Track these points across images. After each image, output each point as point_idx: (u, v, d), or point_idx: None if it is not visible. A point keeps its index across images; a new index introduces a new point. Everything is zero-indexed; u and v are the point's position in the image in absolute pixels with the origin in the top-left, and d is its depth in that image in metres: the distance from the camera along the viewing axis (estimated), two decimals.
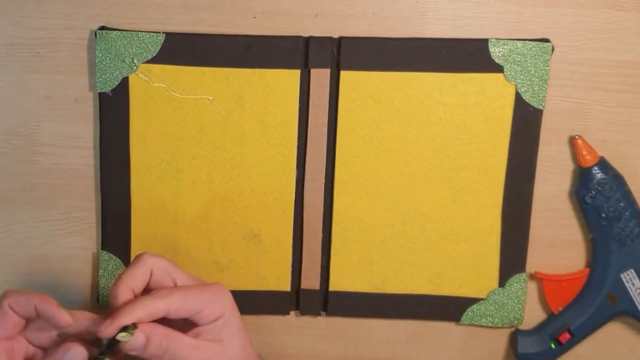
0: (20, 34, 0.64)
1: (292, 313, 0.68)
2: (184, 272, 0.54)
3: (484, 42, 0.62)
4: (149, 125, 0.64)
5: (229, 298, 0.53)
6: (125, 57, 0.62)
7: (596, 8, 0.63)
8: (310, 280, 0.66)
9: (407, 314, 0.67)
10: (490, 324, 0.67)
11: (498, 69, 0.62)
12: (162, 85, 0.63)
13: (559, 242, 0.66)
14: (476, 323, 0.67)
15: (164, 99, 0.63)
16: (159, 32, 0.62)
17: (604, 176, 0.63)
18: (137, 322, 0.49)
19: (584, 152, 0.63)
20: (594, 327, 0.65)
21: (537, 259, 0.66)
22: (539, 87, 0.63)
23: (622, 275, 0.64)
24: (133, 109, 0.63)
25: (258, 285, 0.66)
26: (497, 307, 0.66)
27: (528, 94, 0.63)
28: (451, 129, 0.64)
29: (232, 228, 0.65)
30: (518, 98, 0.63)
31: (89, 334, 0.50)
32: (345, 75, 0.63)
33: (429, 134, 0.64)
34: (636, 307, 0.64)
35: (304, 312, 0.68)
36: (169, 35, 0.62)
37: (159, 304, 0.50)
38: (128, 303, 0.49)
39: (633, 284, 0.64)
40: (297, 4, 0.63)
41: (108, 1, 0.63)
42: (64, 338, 0.50)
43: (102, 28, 0.63)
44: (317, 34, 0.63)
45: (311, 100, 0.64)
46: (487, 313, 0.66)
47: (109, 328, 0.48)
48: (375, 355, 0.69)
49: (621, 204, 0.63)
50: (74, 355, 0.49)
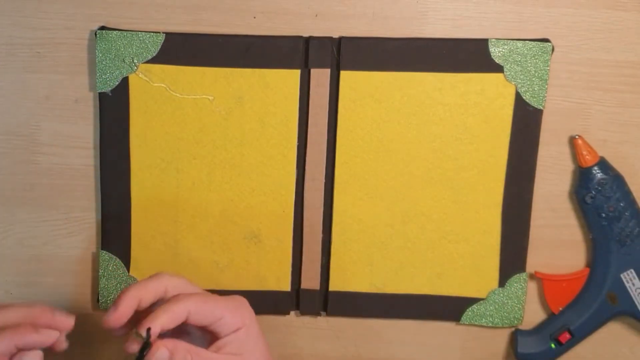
0: (20, 34, 0.64)
1: (292, 313, 0.68)
2: (204, 293, 0.54)
3: (484, 42, 0.62)
4: (149, 125, 0.64)
5: (249, 308, 0.54)
6: (125, 57, 0.62)
7: (596, 8, 0.63)
8: (310, 280, 0.66)
9: (407, 314, 0.67)
10: (490, 324, 0.67)
11: (498, 69, 0.62)
12: (162, 85, 0.63)
13: (559, 242, 0.66)
14: (476, 323, 0.67)
15: (164, 99, 0.63)
16: (159, 32, 0.62)
17: (604, 176, 0.63)
18: (161, 329, 0.49)
19: (584, 152, 0.63)
20: (594, 327, 0.65)
21: (537, 259, 0.66)
22: (539, 87, 0.63)
23: (622, 275, 0.64)
24: (133, 109, 0.63)
25: (258, 285, 0.66)
26: (497, 307, 0.66)
27: (528, 94, 0.63)
28: (451, 129, 0.64)
29: (232, 228, 0.65)
30: (518, 98, 0.63)
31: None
32: (345, 75, 0.63)
33: (429, 134, 0.64)
34: (636, 307, 0.64)
35: (304, 312, 0.68)
36: (169, 35, 0.62)
37: (178, 307, 0.50)
38: (149, 313, 0.50)
39: (633, 284, 0.64)
40: (297, 4, 0.63)
41: (108, 1, 0.63)
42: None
43: (102, 28, 0.63)
44: (317, 34, 0.63)
45: (311, 100, 0.64)
46: (487, 313, 0.66)
47: (131, 344, 0.48)
48: (375, 355, 0.69)
49: (621, 204, 0.63)
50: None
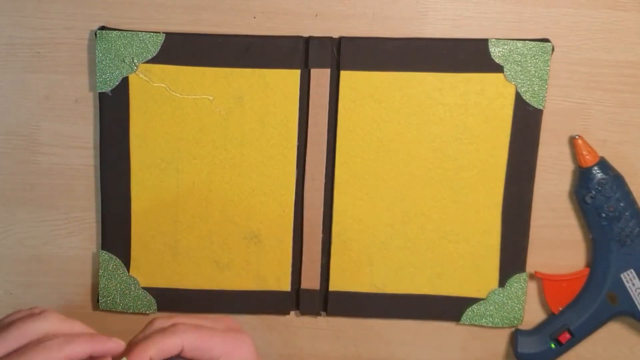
0: (20, 34, 0.64)
1: (292, 313, 0.68)
2: (206, 327, 0.49)
3: (484, 42, 0.62)
4: (149, 125, 0.64)
5: (251, 347, 0.50)
6: (125, 57, 0.62)
7: (596, 8, 0.63)
8: (310, 280, 0.66)
9: (407, 314, 0.67)
10: (490, 324, 0.67)
11: (498, 69, 0.62)
12: (162, 85, 0.63)
13: (559, 242, 0.66)
14: (476, 323, 0.67)
15: (164, 99, 0.63)
16: (159, 32, 0.62)
17: (604, 176, 0.63)
18: None
19: (584, 152, 0.63)
20: (594, 327, 0.65)
21: (537, 259, 0.66)
22: (539, 87, 0.63)
23: (622, 275, 0.64)
24: (133, 109, 0.63)
25: (258, 285, 0.66)
26: (497, 307, 0.66)
27: (528, 94, 0.63)
28: (451, 129, 0.64)
29: (232, 228, 0.65)
30: (518, 98, 0.63)
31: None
32: (345, 75, 0.63)
33: (429, 134, 0.64)
34: (636, 307, 0.64)
35: (304, 312, 0.68)
36: (169, 35, 0.62)
37: (171, 341, 0.46)
38: (141, 341, 0.46)
39: (633, 284, 0.64)
40: (297, 4, 0.63)
41: (108, 1, 0.63)
42: None
43: (102, 28, 0.63)
44: (317, 34, 0.63)
45: (311, 100, 0.64)
46: (487, 313, 0.66)
47: None
48: (375, 355, 0.69)
49: (621, 204, 0.63)
50: None
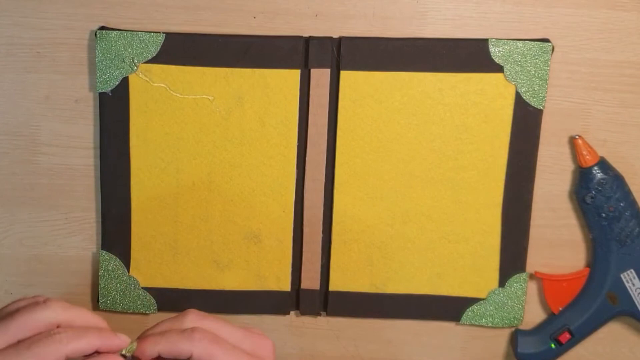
0: (20, 34, 0.63)
1: (292, 313, 0.68)
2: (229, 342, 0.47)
3: (484, 42, 0.62)
4: (149, 125, 0.64)
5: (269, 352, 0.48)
6: (125, 57, 0.62)
7: (596, 8, 0.63)
8: (310, 280, 0.66)
9: (407, 314, 0.67)
10: (490, 324, 0.67)
11: (498, 69, 0.62)
12: (162, 85, 0.63)
13: (559, 242, 0.66)
14: (476, 323, 0.67)
15: (164, 99, 0.63)
16: (159, 32, 0.62)
17: (604, 176, 0.63)
18: (157, 354, 0.45)
19: (584, 152, 0.63)
20: (594, 327, 0.65)
21: (537, 259, 0.66)
22: (539, 87, 0.63)
23: (622, 275, 0.64)
24: (133, 109, 0.63)
25: (258, 285, 0.66)
26: (497, 307, 0.66)
27: (528, 94, 0.63)
28: (451, 129, 0.64)
29: (232, 228, 0.65)
30: (518, 98, 0.63)
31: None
32: (345, 75, 0.63)
33: (429, 134, 0.64)
34: (636, 307, 0.64)
35: (304, 312, 0.68)
36: (169, 35, 0.62)
37: (184, 345, 0.45)
38: (153, 334, 0.46)
39: (633, 284, 0.64)
40: (297, 4, 0.63)
41: (108, 1, 0.63)
42: None
43: (102, 28, 0.62)
44: (317, 34, 0.63)
45: (311, 100, 0.63)
46: (487, 313, 0.66)
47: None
48: (375, 355, 0.69)
49: (621, 204, 0.63)
50: None
